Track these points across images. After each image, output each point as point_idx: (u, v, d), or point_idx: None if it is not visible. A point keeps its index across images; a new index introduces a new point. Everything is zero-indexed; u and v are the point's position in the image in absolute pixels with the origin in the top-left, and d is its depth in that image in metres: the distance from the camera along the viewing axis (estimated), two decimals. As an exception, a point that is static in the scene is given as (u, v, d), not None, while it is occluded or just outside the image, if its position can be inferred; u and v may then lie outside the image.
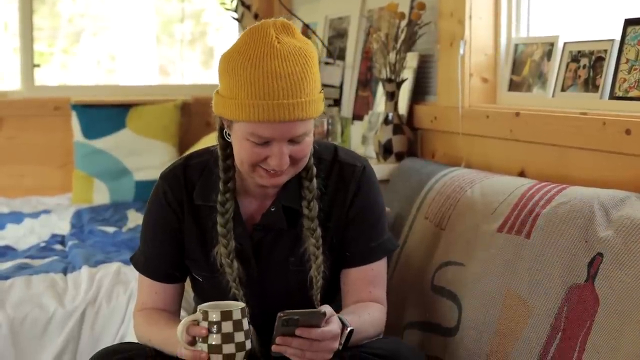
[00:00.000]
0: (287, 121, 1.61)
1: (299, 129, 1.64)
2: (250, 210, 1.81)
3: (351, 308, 1.77)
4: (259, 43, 1.62)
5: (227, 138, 1.73)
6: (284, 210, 1.78)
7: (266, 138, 1.62)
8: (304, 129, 1.65)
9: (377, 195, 1.86)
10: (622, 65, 2.00)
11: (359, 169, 1.83)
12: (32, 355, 2.59)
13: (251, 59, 1.60)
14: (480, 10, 2.47)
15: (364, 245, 1.82)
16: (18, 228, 3.54)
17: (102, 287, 2.68)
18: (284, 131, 1.62)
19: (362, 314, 1.73)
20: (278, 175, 1.68)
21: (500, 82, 2.50)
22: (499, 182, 2.04)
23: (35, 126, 4.18)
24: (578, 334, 1.55)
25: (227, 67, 1.65)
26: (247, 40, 1.64)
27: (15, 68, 4.26)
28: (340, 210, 1.81)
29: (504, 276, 1.80)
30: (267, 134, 1.62)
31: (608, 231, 1.60)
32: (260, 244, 1.80)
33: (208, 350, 1.57)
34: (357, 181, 1.81)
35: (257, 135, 1.62)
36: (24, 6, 4.17)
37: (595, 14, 2.25)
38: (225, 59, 1.66)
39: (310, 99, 1.63)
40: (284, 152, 1.63)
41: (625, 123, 1.82)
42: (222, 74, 1.67)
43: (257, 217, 1.81)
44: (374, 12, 3.06)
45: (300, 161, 1.69)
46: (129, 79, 4.87)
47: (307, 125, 1.66)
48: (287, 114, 1.60)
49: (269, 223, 1.79)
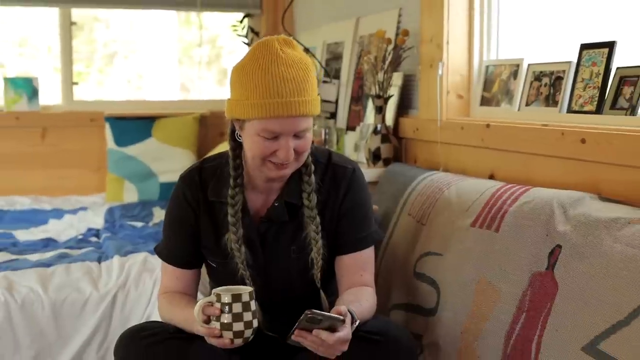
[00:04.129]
0: (294, 116, 1.63)
1: (303, 124, 1.66)
2: (257, 205, 1.82)
3: (353, 294, 1.76)
4: (266, 53, 1.64)
5: (238, 138, 1.74)
6: (286, 205, 1.78)
7: (276, 133, 1.64)
8: (306, 125, 1.67)
9: (365, 193, 1.86)
10: (578, 83, 2.00)
11: (350, 170, 1.84)
12: (71, 332, 2.59)
13: (261, 66, 1.62)
14: (456, 36, 2.47)
15: (354, 236, 1.82)
16: (59, 223, 3.54)
17: (131, 274, 2.68)
18: (291, 126, 1.64)
19: (362, 301, 1.72)
20: (284, 168, 1.69)
21: (473, 98, 2.50)
22: (472, 184, 2.04)
23: (74, 135, 4.19)
24: (539, 314, 1.55)
25: (239, 75, 1.66)
26: (256, 52, 1.66)
27: (57, 85, 4.27)
28: (334, 205, 1.81)
29: (477, 265, 1.79)
30: (277, 128, 1.63)
31: (566, 226, 1.60)
32: (265, 234, 1.81)
33: (220, 328, 1.57)
34: (348, 181, 1.82)
35: (268, 131, 1.64)
36: (64, 32, 4.17)
37: (555, 40, 2.25)
38: (237, 69, 1.68)
39: (312, 98, 1.66)
40: (290, 146, 1.65)
41: (580, 133, 1.82)
42: (235, 81, 1.68)
43: (263, 211, 1.81)
44: (365, 38, 3.05)
45: (301, 155, 1.71)
46: (155, 95, 4.87)
47: (308, 122, 1.68)
48: (294, 110, 1.62)
49: (273, 216, 1.79)
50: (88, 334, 2.59)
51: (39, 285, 2.59)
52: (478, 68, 2.49)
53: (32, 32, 4.55)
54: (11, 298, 2.53)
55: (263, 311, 1.65)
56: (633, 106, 1.81)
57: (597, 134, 1.77)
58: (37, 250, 2.98)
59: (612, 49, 1.92)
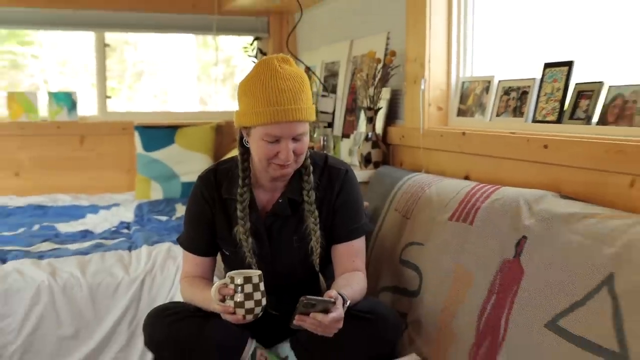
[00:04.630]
0: (291, 121, 1.63)
1: (300, 128, 1.66)
2: (263, 202, 1.82)
3: (345, 279, 1.76)
4: (267, 69, 1.65)
5: (245, 144, 1.75)
6: (289, 201, 1.79)
7: (277, 136, 1.65)
8: (303, 129, 1.68)
9: (357, 191, 1.86)
10: (542, 97, 2.00)
11: (343, 171, 1.84)
12: (106, 310, 2.59)
13: (262, 80, 1.63)
14: (436, 56, 2.47)
15: (347, 227, 1.82)
16: (95, 217, 3.54)
17: (157, 261, 2.68)
18: (289, 130, 1.65)
19: (353, 284, 1.73)
20: (286, 168, 1.70)
21: (451, 110, 2.49)
22: (450, 184, 2.04)
23: (108, 142, 4.19)
24: (508, 296, 1.55)
25: (244, 89, 1.67)
26: (258, 69, 1.67)
27: (93, 99, 4.26)
28: (330, 201, 1.82)
29: (454, 253, 1.79)
30: (278, 132, 1.64)
31: (531, 220, 1.60)
32: (271, 227, 1.81)
33: (234, 306, 1.58)
34: (341, 181, 1.83)
35: (270, 135, 1.65)
36: (99, 53, 4.18)
37: (521, 59, 2.25)
38: (243, 84, 1.69)
39: (307, 106, 1.66)
40: (289, 148, 1.66)
41: (543, 140, 1.82)
42: (241, 95, 1.69)
43: (269, 207, 1.81)
44: (358, 58, 3.05)
45: (300, 156, 1.71)
46: (177, 107, 4.86)
47: (305, 127, 1.68)
48: (291, 115, 1.63)
49: (278, 211, 1.80)
50: (120, 313, 2.59)
51: (78, 271, 2.59)
52: (455, 84, 2.49)
53: (72, 53, 4.54)
54: (54, 282, 2.54)
55: (269, 293, 1.65)
56: (589, 117, 1.81)
57: (557, 141, 1.77)
58: (76, 240, 2.98)
59: (570, 67, 1.92)
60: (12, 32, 4.42)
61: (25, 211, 3.61)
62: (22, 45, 4.61)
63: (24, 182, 4.06)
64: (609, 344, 1.24)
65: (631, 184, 1.54)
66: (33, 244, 2.88)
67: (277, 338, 1.82)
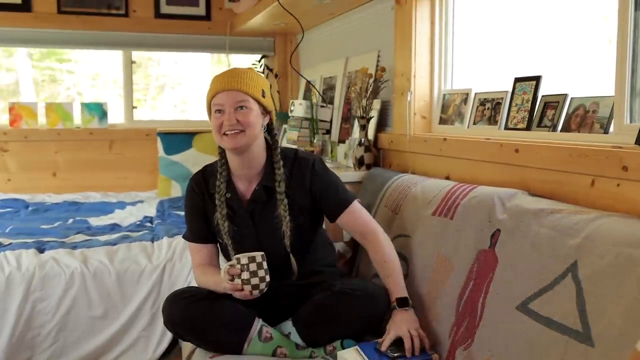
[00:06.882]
0: (229, 90, 1.69)
1: (239, 96, 1.70)
2: (243, 191, 1.83)
3: (382, 270, 1.76)
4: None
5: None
6: (264, 188, 1.79)
7: (220, 105, 1.71)
8: (243, 98, 1.71)
9: (329, 173, 1.86)
10: (513, 107, 1.99)
11: (311, 161, 1.83)
12: (131, 294, 2.58)
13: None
14: (421, 72, 2.46)
15: (336, 202, 1.83)
16: (122, 212, 3.53)
17: (177, 251, 2.68)
18: (229, 98, 1.70)
19: (393, 272, 1.74)
20: (235, 137, 1.71)
21: (433, 119, 2.49)
22: (433, 183, 2.03)
23: (134, 146, 4.19)
24: (484, 282, 1.54)
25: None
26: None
27: (120, 109, 4.26)
28: (302, 189, 1.81)
29: (436, 244, 1.78)
30: (221, 100, 1.70)
31: (504, 215, 1.59)
32: (253, 211, 1.81)
33: (242, 283, 1.58)
34: (310, 170, 1.82)
35: (215, 104, 1.72)
36: (126, 69, 4.19)
37: (495, 74, 2.24)
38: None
39: (248, 82, 1.72)
40: (232, 116, 1.69)
41: (514, 145, 1.81)
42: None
43: (248, 195, 1.82)
44: (352, 73, 3.04)
45: (248, 128, 1.72)
46: (195, 116, 4.85)
47: (246, 98, 1.72)
48: (230, 84, 1.70)
49: (256, 197, 1.80)
50: (144, 296, 2.58)
51: (107, 259, 2.58)
52: (437, 96, 2.48)
53: (103, 69, 4.54)
54: (86, 269, 2.53)
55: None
56: (554, 124, 1.80)
57: (527, 146, 1.76)
58: (105, 232, 2.97)
59: (538, 81, 1.91)
60: (51, 51, 4.43)
61: (61, 207, 3.60)
62: (60, 62, 4.61)
63: (60, 182, 4.06)
64: (573, 324, 1.22)
65: (592, 183, 1.53)
66: (68, 235, 2.87)
67: (280, 317, 1.80)
